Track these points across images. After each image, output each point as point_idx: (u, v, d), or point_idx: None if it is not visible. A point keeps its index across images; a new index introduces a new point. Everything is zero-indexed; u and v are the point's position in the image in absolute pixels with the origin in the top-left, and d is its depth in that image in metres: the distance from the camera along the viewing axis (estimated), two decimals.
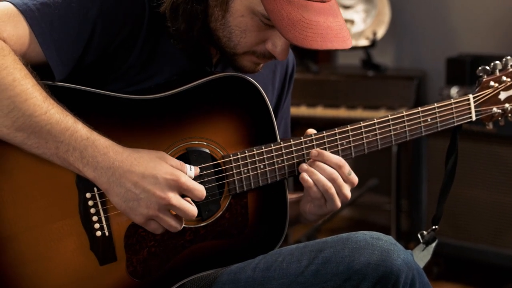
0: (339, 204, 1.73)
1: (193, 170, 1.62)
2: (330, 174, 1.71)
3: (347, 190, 1.73)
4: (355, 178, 1.75)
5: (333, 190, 1.71)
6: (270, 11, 1.56)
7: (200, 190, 1.59)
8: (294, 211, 1.84)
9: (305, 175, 1.71)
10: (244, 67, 1.71)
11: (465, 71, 3.74)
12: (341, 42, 1.60)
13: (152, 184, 1.54)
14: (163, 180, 1.55)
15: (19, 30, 1.53)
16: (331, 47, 1.59)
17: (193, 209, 1.58)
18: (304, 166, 1.73)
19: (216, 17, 1.64)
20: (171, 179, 1.55)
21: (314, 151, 1.73)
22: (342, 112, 4.00)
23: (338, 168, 1.72)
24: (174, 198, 1.56)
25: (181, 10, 1.62)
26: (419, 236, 1.94)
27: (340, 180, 1.71)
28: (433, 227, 1.95)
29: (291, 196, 1.84)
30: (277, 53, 1.65)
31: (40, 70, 1.55)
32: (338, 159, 1.72)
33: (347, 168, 1.73)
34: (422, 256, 1.91)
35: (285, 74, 1.98)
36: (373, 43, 4.16)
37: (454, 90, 3.65)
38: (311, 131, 1.78)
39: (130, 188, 1.54)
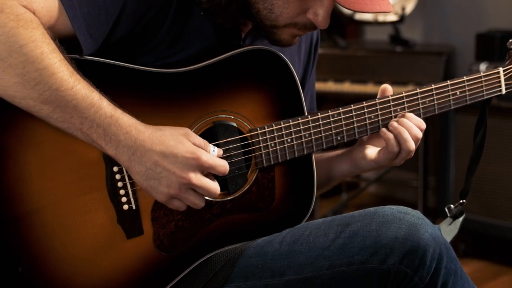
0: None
1: (216, 151, 1.60)
2: (416, 134, 1.77)
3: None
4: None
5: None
6: None
7: (223, 165, 1.59)
8: (326, 169, 1.91)
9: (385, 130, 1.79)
10: (283, 40, 1.72)
11: (494, 46, 3.71)
12: (385, 5, 1.65)
13: (172, 163, 1.54)
14: (183, 159, 1.54)
15: (49, 2, 1.53)
16: (379, 10, 1.64)
17: (215, 187, 1.59)
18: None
19: None
20: (192, 157, 1.54)
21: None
22: (369, 88, 3.98)
23: (421, 129, 1.79)
24: (195, 178, 1.55)
25: None
26: (446, 210, 1.94)
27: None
28: (461, 201, 1.94)
29: (328, 154, 1.91)
30: (319, 22, 1.66)
31: (67, 45, 1.55)
32: (421, 121, 1.80)
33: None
34: (449, 230, 1.91)
35: (310, 45, 1.99)
36: (402, 18, 4.13)
37: (483, 66, 3.62)
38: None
39: (150, 167, 1.54)
